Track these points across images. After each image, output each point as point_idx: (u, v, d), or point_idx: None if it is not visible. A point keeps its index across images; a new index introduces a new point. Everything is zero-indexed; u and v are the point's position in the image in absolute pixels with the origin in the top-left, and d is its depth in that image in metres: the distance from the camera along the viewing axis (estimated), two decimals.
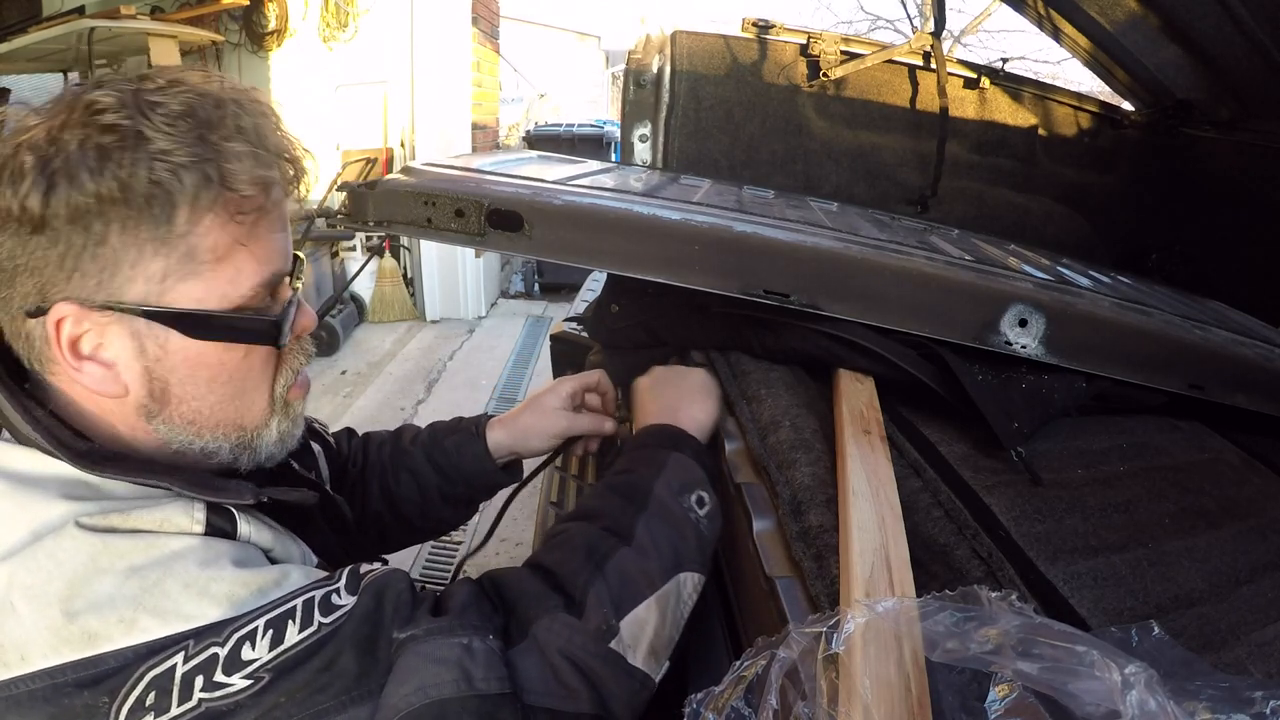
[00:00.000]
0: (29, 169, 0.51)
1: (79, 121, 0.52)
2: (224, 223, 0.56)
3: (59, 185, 0.51)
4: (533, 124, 7.41)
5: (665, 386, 0.86)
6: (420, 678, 0.53)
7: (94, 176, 0.51)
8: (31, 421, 0.54)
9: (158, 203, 0.53)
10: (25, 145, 0.52)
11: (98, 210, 0.52)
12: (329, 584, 0.56)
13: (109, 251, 0.53)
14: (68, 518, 0.51)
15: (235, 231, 0.57)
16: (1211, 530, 0.72)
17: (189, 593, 0.51)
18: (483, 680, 0.54)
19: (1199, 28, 1.59)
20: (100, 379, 0.56)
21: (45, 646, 0.49)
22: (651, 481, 0.70)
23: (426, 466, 0.93)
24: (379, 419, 3.61)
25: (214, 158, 0.54)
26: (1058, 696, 0.41)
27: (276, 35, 4.65)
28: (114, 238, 0.53)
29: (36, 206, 0.51)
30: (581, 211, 0.86)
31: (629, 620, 0.62)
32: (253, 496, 0.60)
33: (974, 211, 1.95)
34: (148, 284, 0.55)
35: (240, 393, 0.61)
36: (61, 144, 0.52)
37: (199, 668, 0.50)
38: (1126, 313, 0.93)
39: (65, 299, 0.54)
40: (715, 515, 0.72)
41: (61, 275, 0.53)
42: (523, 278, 6.16)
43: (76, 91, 0.55)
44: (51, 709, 0.48)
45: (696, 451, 0.77)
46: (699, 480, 0.73)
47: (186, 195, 0.54)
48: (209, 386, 0.59)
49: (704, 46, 1.84)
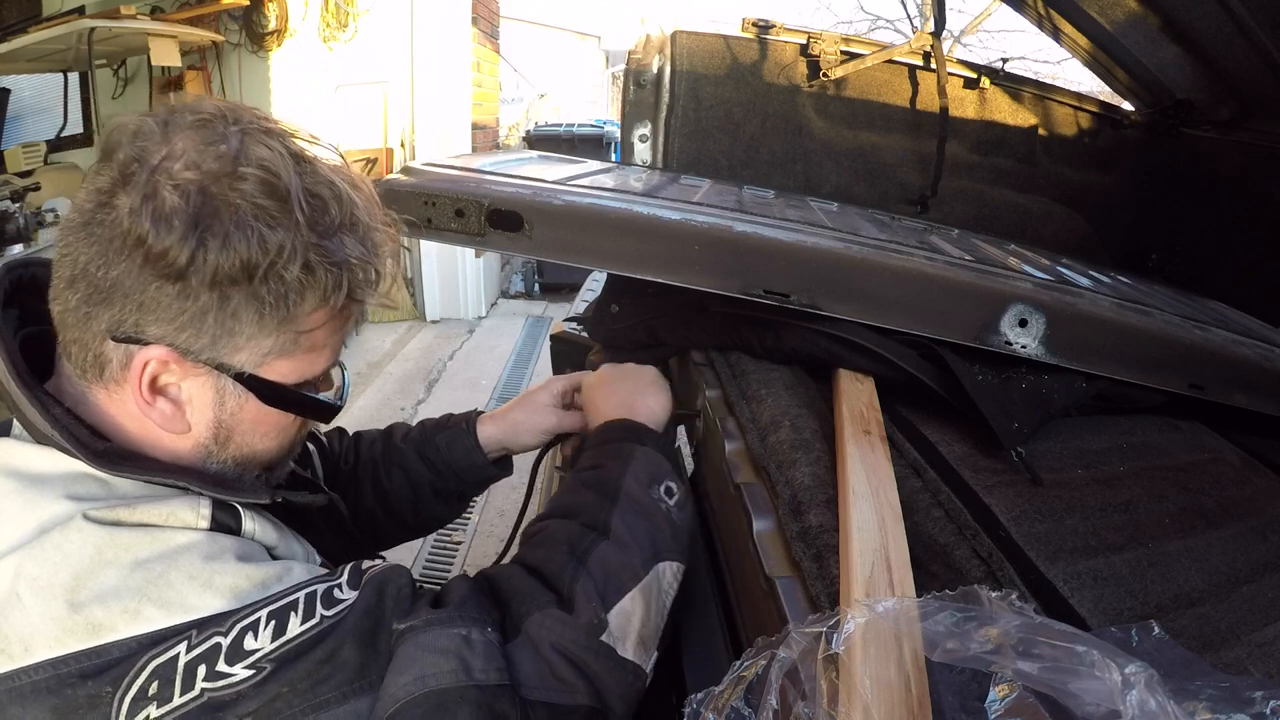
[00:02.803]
0: (178, 214, 0.51)
1: (233, 183, 0.52)
2: (334, 322, 0.61)
3: (211, 248, 0.52)
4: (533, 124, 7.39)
5: (618, 383, 0.87)
6: (419, 667, 0.53)
7: (250, 252, 0.52)
8: (50, 419, 0.55)
9: (294, 294, 0.55)
10: (171, 184, 0.51)
11: (242, 284, 0.53)
12: (331, 579, 0.57)
13: (235, 323, 0.55)
14: (75, 511, 0.52)
15: (338, 329, 0.62)
16: (1211, 530, 0.72)
17: (193, 584, 0.52)
18: (481, 671, 0.55)
19: (1199, 28, 1.59)
20: (168, 416, 0.58)
21: (49, 638, 0.49)
22: (620, 476, 0.71)
23: (418, 463, 0.94)
24: (379, 419, 3.61)
25: (343, 264, 0.57)
26: (1058, 696, 0.41)
27: (276, 35, 4.65)
28: (245, 313, 0.55)
29: (182, 260, 0.51)
30: (581, 211, 0.86)
31: (615, 612, 0.62)
32: (268, 496, 0.62)
33: (974, 211, 1.95)
34: (252, 355, 0.58)
35: (282, 445, 0.66)
36: (214, 202, 0.52)
37: (201, 657, 0.50)
38: (1126, 313, 0.93)
39: (169, 345, 0.55)
40: (685, 503, 0.73)
41: (175, 325, 0.54)
42: (523, 278, 6.16)
43: (210, 122, 0.54)
44: (55, 700, 0.49)
45: (658, 443, 0.78)
46: (665, 471, 0.74)
47: (318, 295, 0.57)
48: (263, 439, 0.63)
49: (704, 46, 1.84)
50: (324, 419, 0.67)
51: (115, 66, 4.59)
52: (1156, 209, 1.99)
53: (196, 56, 4.65)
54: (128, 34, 3.85)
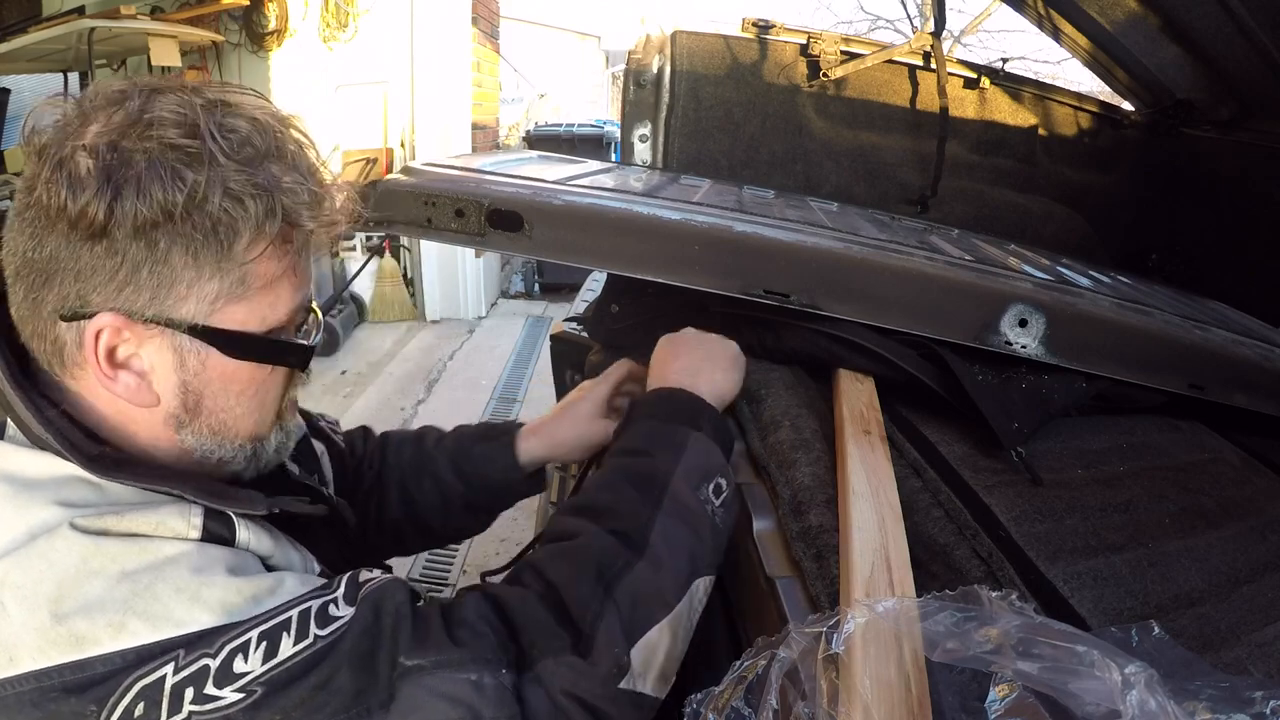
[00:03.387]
0: (91, 174, 0.50)
1: (142, 132, 0.52)
2: (276, 252, 0.57)
3: (126, 196, 0.51)
4: (533, 124, 7.39)
5: (692, 346, 0.79)
6: (425, 714, 0.51)
7: (165, 193, 0.51)
8: (44, 422, 0.54)
9: (224, 228, 0.54)
10: (82, 148, 0.51)
11: (165, 227, 0.52)
12: (326, 593, 0.55)
13: (169, 270, 0.54)
14: (63, 519, 0.51)
15: (284, 260, 0.58)
16: (1211, 530, 0.72)
17: (180, 598, 0.50)
18: (492, 719, 0.52)
19: (1199, 28, 1.59)
20: (133, 388, 0.56)
21: (33, 648, 0.48)
22: (669, 473, 0.65)
23: (451, 475, 0.90)
24: (379, 419, 3.61)
25: (275, 189, 0.55)
26: (1058, 696, 0.41)
27: (276, 35, 4.65)
28: (176, 257, 0.53)
29: (100, 215, 0.51)
30: (581, 211, 0.86)
31: (640, 646, 0.58)
32: (264, 507, 0.59)
33: (974, 211, 1.95)
34: (199, 304, 0.55)
35: (260, 405, 0.63)
36: (125, 153, 0.51)
37: (189, 679, 0.48)
38: (1126, 313, 0.93)
39: (112, 309, 0.54)
40: (731, 503, 0.68)
41: (112, 286, 0.53)
42: (523, 278, 6.16)
43: (122, 94, 0.54)
44: (38, 713, 0.48)
45: (716, 428, 0.71)
46: (717, 465, 0.68)
47: (251, 224, 0.54)
48: (238, 400, 0.61)
49: (704, 46, 1.84)
50: (294, 364, 0.63)
51: (115, 66, 4.58)
52: (1156, 209, 1.99)
53: (196, 56, 4.65)
54: (128, 34, 3.85)
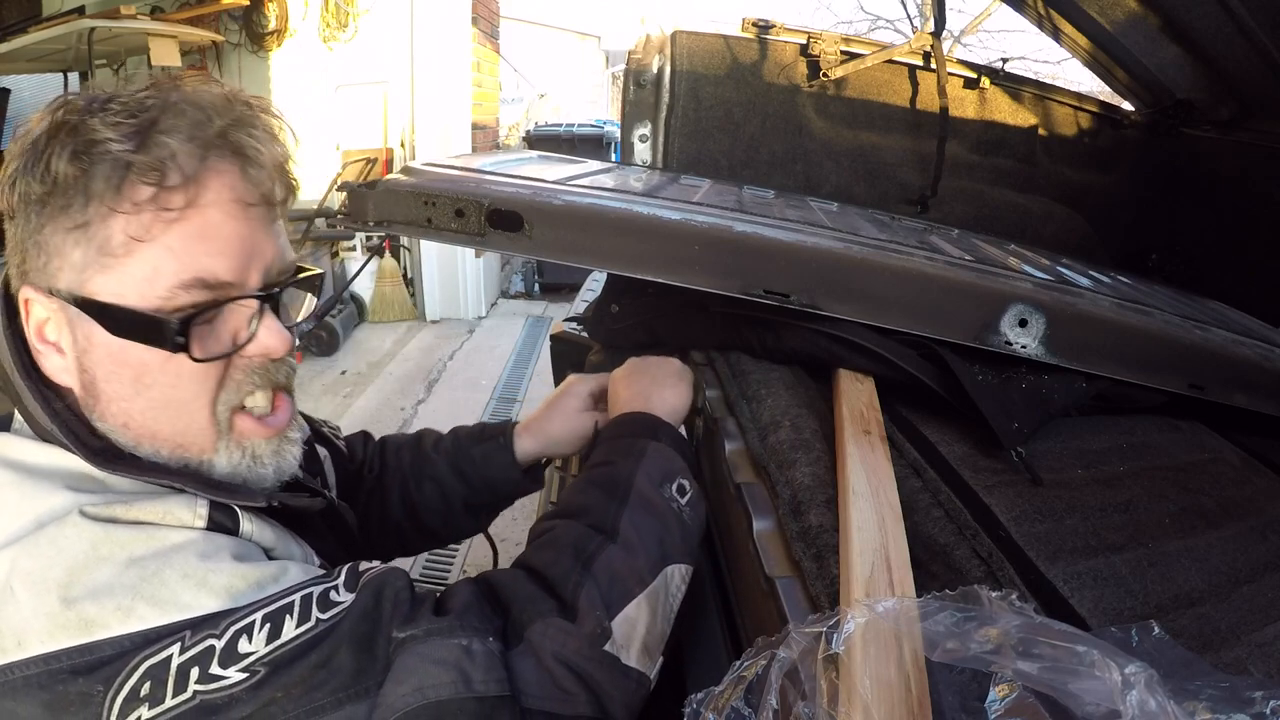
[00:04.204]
0: (13, 160, 0.55)
1: (45, 119, 0.55)
2: (140, 216, 0.53)
3: (18, 178, 0.55)
4: (533, 124, 7.40)
5: (639, 374, 0.85)
6: (418, 678, 0.53)
7: (35, 167, 0.54)
8: (51, 414, 0.55)
9: (74, 191, 0.54)
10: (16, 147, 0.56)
11: (38, 199, 0.54)
12: (328, 580, 0.56)
13: (44, 239, 0.55)
14: (72, 506, 0.52)
15: (151, 226, 0.54)
16: (1211, 530, 0.72)
17: (187, 583, 0.52)
18: (481, 683, 0.54)
19: (1199, 28, 1.59)
20: (58, 368, 0.58)
21: (42, 632, 0.49)
22: (632, 474, 0.70)
23: (451, 476, 0.92)
24: (379, 419, 3.61)
25: (137, 150, 0.53)
26: (1058, 696, 0.41)
27: (276, 35, 4.66)
28: (46, 226, 0.55)
29: (5, 198, 0.56)
30: (581, 211, 0.86)
31: (620, 620, 0.61)
32: (263, 499, 0.61)
33: (974, 211, 1.95)
34: (71, 273, 0.55)
35: (168, 404, 0.57)
36: (29, 140, 0.55)
37: (195, 659, 0.50)
38: (1126, 313, 0.93)
39: (27, 283, 0.57)
40: (697, 503, 0.72)
41: (19, 257, 0.57)
42: (523, 278, 6.16)
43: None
44: (46, 695, 0.49)
45: (673, 439, 0.76)
46: (679, 469, 0.72)
47: (98, 184, 0.53)
48: (134, 389, 0.57)
49: (704, 46, 1.84)
50: (169, 347, 0.55)
51: (115, 66, 4.58)
52: (1156, 209, 1.99)
53: (196, 56, 4.65)
54: (128, 34, 3.85)
